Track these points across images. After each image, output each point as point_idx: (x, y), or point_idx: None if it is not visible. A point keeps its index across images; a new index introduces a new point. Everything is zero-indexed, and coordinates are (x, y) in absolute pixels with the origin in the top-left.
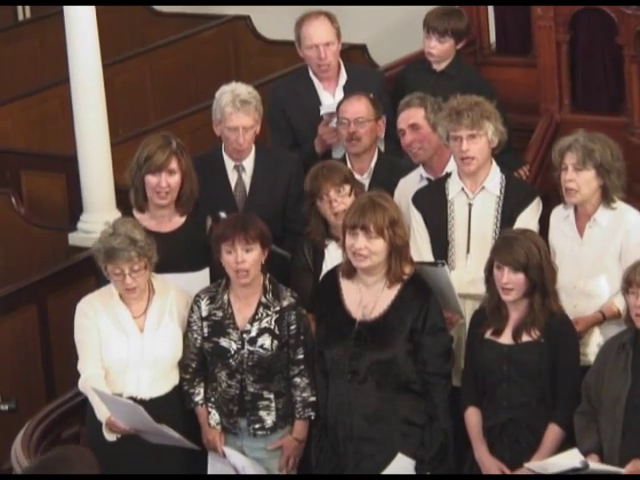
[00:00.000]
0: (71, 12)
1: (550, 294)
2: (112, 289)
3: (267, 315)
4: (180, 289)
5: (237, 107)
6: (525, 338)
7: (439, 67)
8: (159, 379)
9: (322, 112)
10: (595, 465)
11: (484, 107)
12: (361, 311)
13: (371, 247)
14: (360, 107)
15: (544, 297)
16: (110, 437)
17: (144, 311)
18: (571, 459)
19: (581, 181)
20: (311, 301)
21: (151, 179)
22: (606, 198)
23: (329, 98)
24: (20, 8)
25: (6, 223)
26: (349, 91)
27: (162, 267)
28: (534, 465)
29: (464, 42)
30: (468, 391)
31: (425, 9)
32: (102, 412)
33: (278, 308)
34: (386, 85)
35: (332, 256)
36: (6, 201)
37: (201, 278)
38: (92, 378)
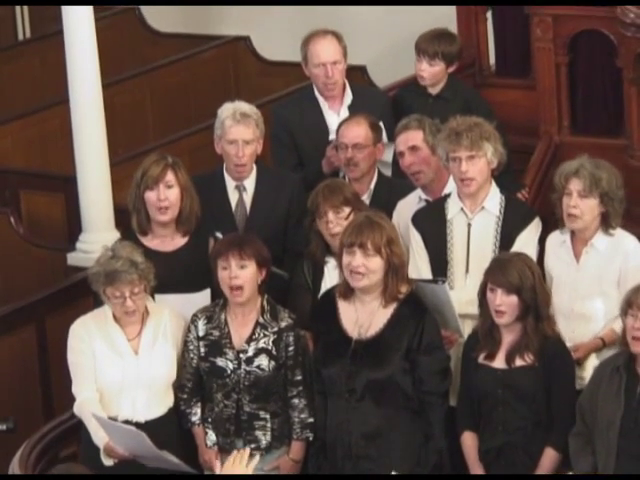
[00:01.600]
0: (71, 32)
1: (544, 317)
2: (106, 311)
3: (264, 335)
4: (174, 310)
5: (237, 120)
6: (519, 362)
7: (434, 91)
8: (154, 401)
9: (331, 137)
10: None
11: (483, 128)
12: (357, 330)
13: (368, 265)
14: (359, 132)
15: (538, 320)
16: (107, 462)
17: (138, 333)
18: None
19: (585, 208)
20: (310, 320)
21: (150, 195)
22: (605, 224)
23: (334, 117)
24: (20, 27)
25: (5, 243)
26: (354, 111)
27: (164, 287)
28: None
29: (456, 65)
30: (464, 415)
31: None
32: (99, 437)
33: (276, 329)
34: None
35: (331, 274)
36: (5, 220)
37: (202, 298)
38: (87, 402)
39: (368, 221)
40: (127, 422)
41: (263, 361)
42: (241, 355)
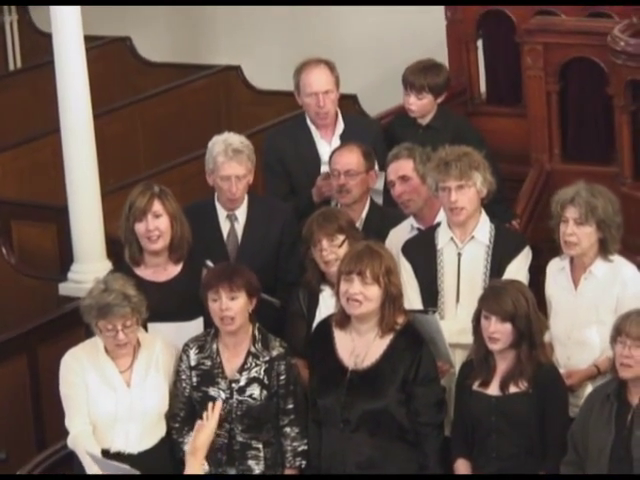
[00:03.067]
0: (62, 62)
1: (538, 345)
2: (97, 342)
3: (256, 365)
4: (166, 341)
5: (230, 156)
6: (513, 389)
7: (424, 121)
8: (147, 432)
9: (323, 166)
10: None
11: (472, 157)
12: (353, 360)
13: (366, 293)
14: (351, 159)
15: (532, 348)
16: None
17: (130, 365)
18: None
19: (582, 235)
20: (304, 348)
21: (139, 226)
22: (604, 250)
23: (326, 146)
24: (11, 57)
25: None
26: (346, 140)
27: (157, 316)
28: None
29: (444, 95)
30: (457, 442)
31: (417, 60)
32: (94, 471)
33: (267, 358)
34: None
35: (327, 302)
36: None
37: (195, 327)
38: (81, 436)
39: (368, 250)
40: (120, 454)
41: (255, 390)
42: (233, 385)
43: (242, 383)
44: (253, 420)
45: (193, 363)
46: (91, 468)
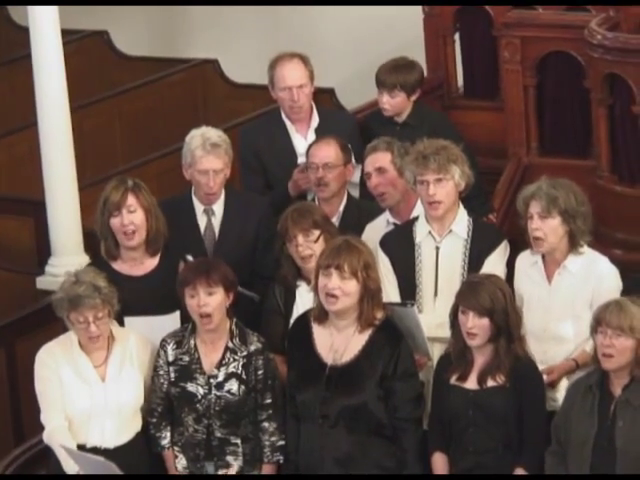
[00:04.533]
0: (39, 56)
1: (515, 339)
2: (72, 337)
3: (234, 360)
4: (140, 335)
5: (207, 150)
6: (490, 383)
7: (400, 119)
8: (122, 427)
9: (300, 160)
10: None
11: (450, 151)
12: (332, 356)
13: (344, 288)
14: (329, 152)
15: (509, 342)
16: None
17: (105, 360)
18: None
19: (547, 229)
20: (282, 343)
21: (114, 221)
22: (573, 243)
23: (301, 140)
24: None
25: None
26: (321, 134)
27: (134, 310)
28: None
29: (419, 93)
30: (435, 436)
31: (394, 53)
32: (70, 466)
33: (245, 353)
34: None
35: (303, 298)
36: None
37: (172, 321)
38: (56, 431)
39: (346, 244)
40: (96, 449)
41: (233, 386)
42: (211, 380)
43: (220, 378)
44: (231, 415)
45: (171, 359)
46: (66, 462)
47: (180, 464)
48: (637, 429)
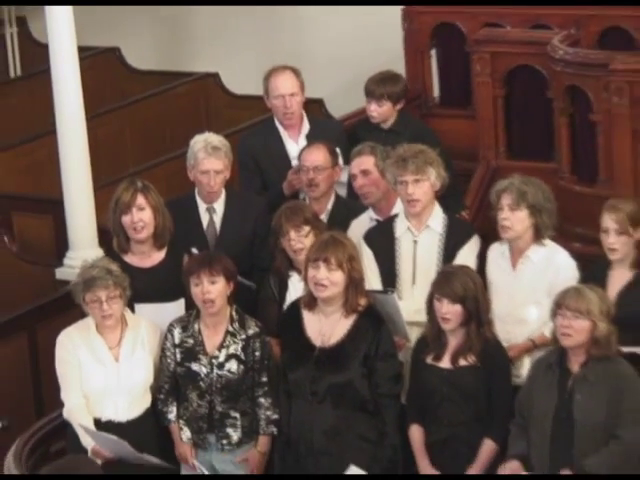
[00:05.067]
0: (58, 70)
1: (484, 323)
2: (89, 322)
3: (234, 342)
4: (150, 321)
5: (209, 153)
6: (462, 363)
7: (385, 126)
8: (134, 403)
9: (294, 163)
10: None
11: (427, 155)
12: (320, 339)
13: (331, 278)
14: (318, 156)
15: (479, 326)
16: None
17: (118, 342)
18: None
19: (515, 220)
20: (276, 328)
21: (125, 219)
22: (537, 236)
23: (293, 145)
24: (12, 66)
25: None
26: (311, 139)
27: (143, 298)
28: None
29: (403, 102)
30: (412, 410)
31: (377, 68)
32: (87, 441)
33: (244, 336)
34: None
35: (295, 286)
36: None
37: (177, 307)
38: (75, 408)
39: (332, 239)
40: (110, 422)
41: (233, 365)
42: (213, 360)
43: (221, 359)
44: (231, 392)
45: (177, 341)
46: (84, 437)
47: (185, 435)
48: (593, 402)
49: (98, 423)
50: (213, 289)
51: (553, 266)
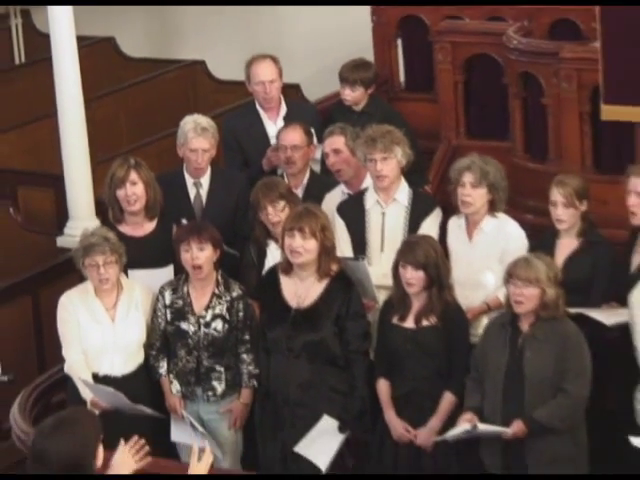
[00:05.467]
0: (59, 57)
1: (445, 287)
2: (88, 286)
3: (219, 304)
4: (144, 285)
5: (198, 133)
6: (425, 323)
7: (358, 108)
8: (128, 360)
9: (272, 142)
10: (482, 426)
11: (394, 135)
12: (296, 301)
13: (305, 246)
14: (295, 136)
15: (440, 290)
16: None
17: (114, 304)
18: (463, 426)
19: (476, 196)
20: (256, 291)
21: (119, 192)
22: (492, 209)
23: (272, 126)
24: (17, 54)
25: (5, 229)
26: (288, 121)
27: (136, 264)
28: (437, 437)
29: (374, 87)
30: (379, 365)
31: (349, 56)
32: (86, 393)
33: (229, 298)
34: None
35: (273, 254)
36: (5, 211)
37: (167, 272)
38: (76, 365)
39: (306, 211)
40: (107, 376)
41: (218, 324)
42: (200, 320)
43: (208, 318)
44: (216, 348)
45: (167, 302)
46: (84, 390)
47: (174, 388)
48: (541, 359)
49: (96, 377)
50: (201, 255)
51: (504, 235)
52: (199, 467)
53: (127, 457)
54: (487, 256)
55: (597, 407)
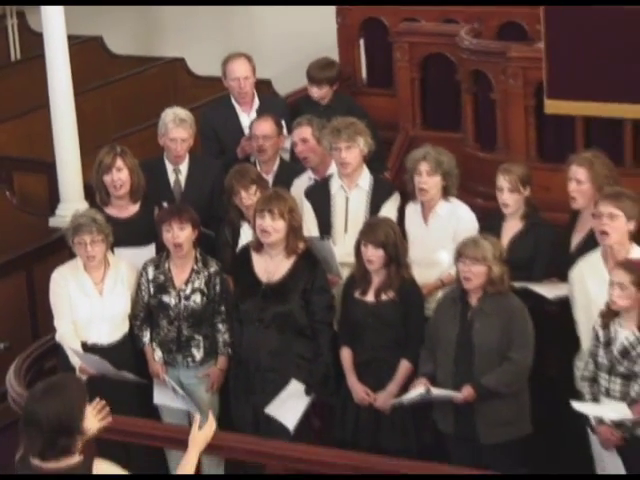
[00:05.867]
0: (51, 54)
1: (402, 265)
2: (78, 262)
3: (198, 278)
4: (129, 262)
5: (177, 123)
6: (384, 297)
7: (323, 102)
8: (114, 330)
9: (246, 132)
10: (436, 391)
11: (357, 126)
12: (266, 276)
13: (274, 226)
14: (266, 127)
15: (398, 267)
16: (82, 377)
17: (102, 279)
18: (418, 391)
19: (432, 183)
20: (230, 267)
21: (106, 178)
22: (446, 195)
23: (246, 118)
24: (12, 51)
25: (2, 211)
26: (260, 113)
27: (121, 242)
28: (395, 401)
29: (338, 84)
30: (343, 335)
31: (316, 54)
32: (75, 360)
33: (206, 273)
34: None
35: (246, 233)
36: (2, 195)
37: (149, 251)
38: (66, 334)
39: (275, 194)
40: (95, 345)
41: (197, 297)
42: (181, 293)
43: (187, 292)
44: (195, 319)
45: (151, 277)
46: (73, 357)
47: (157, 355)
48: (488, 330)
49: (85, 346)
50: (182, 235)
51: (456, 218)
52: (199, 435)
53: (91, 418)
54: (441, 237)
55: (539, 374)
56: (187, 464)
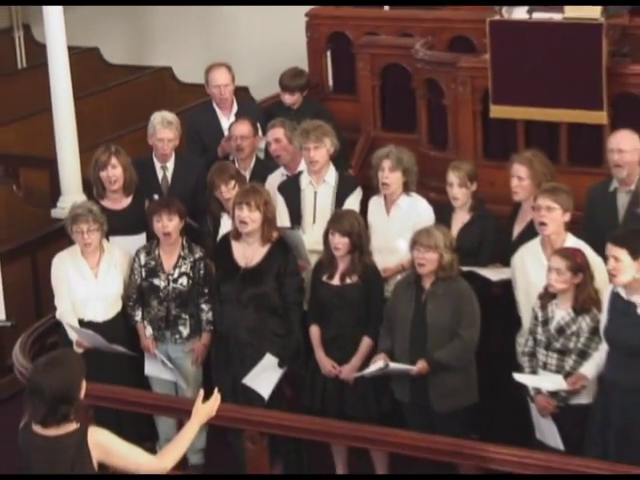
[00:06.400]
0: (54, 63)
1: (365, 252)
2: (76, 248)
3: (185, 263)
4: (122, 249)
5: (164, 125)
6: (348, 281)
7: (295, 107)
8: (108, 308)
9: (226, 134)
10: (393, 365)
11: (324, 128)
12: (244, 261)
13: (251, 217)
14: (244, 128)
15: (361, 254)
16: (79, 350)
17: (97, 263)
18: (378, 364)
19: (393, 178)
20: (212, 254)
21: (102, 174)
22: (406, 189)
23: (226, 121)
24: (19, 60)
25: (9, 203)
26: (239, 116)
27: (115, 231)
28: (357, 374)
29: (307, 91)
30: (312, 314)
31: (288, 64)
32: (72, 335)
33: (192, 259)
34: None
35: (226, 224)
36: (9, 189)
37: (140, 239)
38: (65, 312)
39: (252, 188)
40: (91, 322)
41: (184, 280)
42: (169, 277)
43: (175, 276)
44: (182, 300)
45: (142, 262)
46: (71, 334)
47: (148, 332)
48: (440, 310)
49: (82, 322)
50: (170, 224)
51: (416, 211)
52: (203, 408)
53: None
54: (401, 227)
55: (485, 349)
56: (187, 432)
